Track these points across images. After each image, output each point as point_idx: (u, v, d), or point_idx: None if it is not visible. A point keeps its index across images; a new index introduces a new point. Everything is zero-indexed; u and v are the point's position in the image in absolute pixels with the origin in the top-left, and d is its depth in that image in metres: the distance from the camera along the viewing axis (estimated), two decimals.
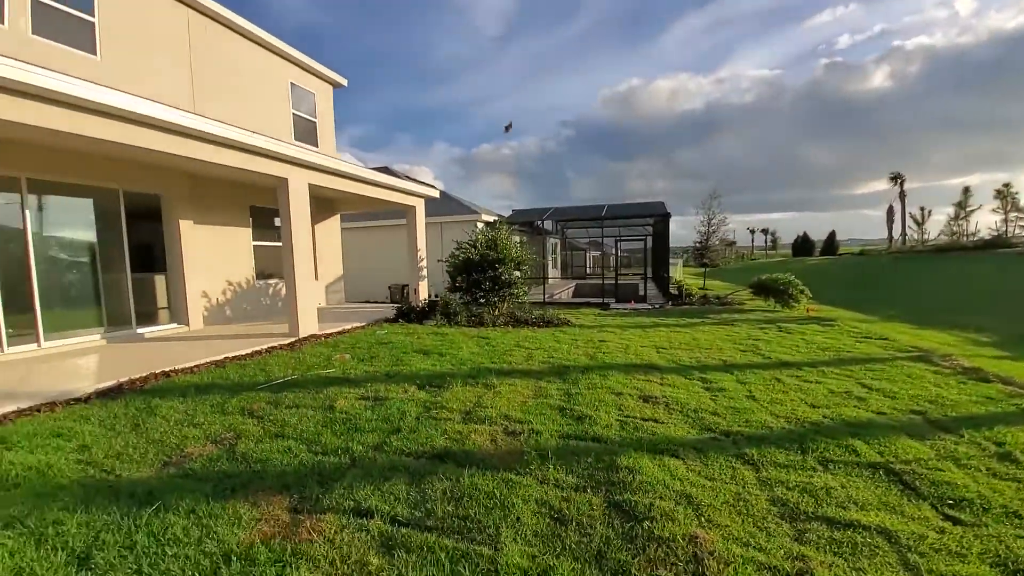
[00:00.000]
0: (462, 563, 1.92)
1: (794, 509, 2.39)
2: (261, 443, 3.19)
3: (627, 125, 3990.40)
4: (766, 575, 1.87)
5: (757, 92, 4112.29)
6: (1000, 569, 1.95)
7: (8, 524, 2.24)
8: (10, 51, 5.88)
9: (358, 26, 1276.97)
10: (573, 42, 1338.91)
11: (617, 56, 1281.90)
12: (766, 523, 2.25)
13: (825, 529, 2.22)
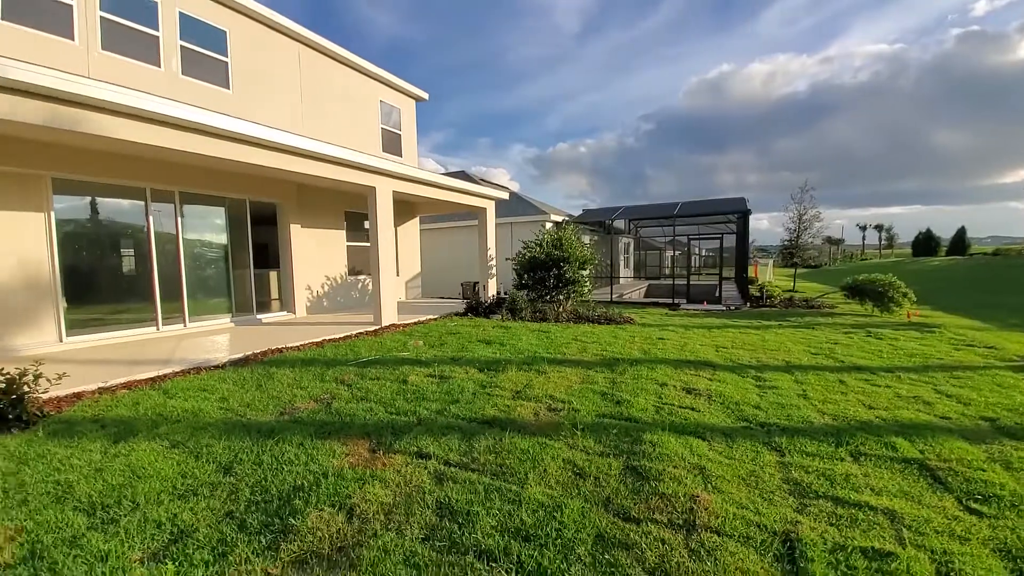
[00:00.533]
0: (494, 494, 2.41)
1: (805, 488, 2.56)
2: (350, 403, 3.95)
3: (715, 115, 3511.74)
4: (752, 530, 2.13)
5: (873, 70, 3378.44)
6: (1001, 555, 2.01)
7: (175, 445, 3.14)
8: (166, 88, 7.49)
9: (442, 37, 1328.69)
10: (655, 33, 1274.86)
11: (705, 43, 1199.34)
12: (771, 495, 2.47)
13: (829, 505, 2.38)
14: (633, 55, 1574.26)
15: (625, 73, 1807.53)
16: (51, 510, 2.33)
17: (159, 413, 3.72)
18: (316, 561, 1.92)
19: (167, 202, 7.58)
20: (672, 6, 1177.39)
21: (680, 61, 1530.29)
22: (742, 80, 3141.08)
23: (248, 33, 8.88)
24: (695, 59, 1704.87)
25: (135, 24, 7.28)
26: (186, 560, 1.93)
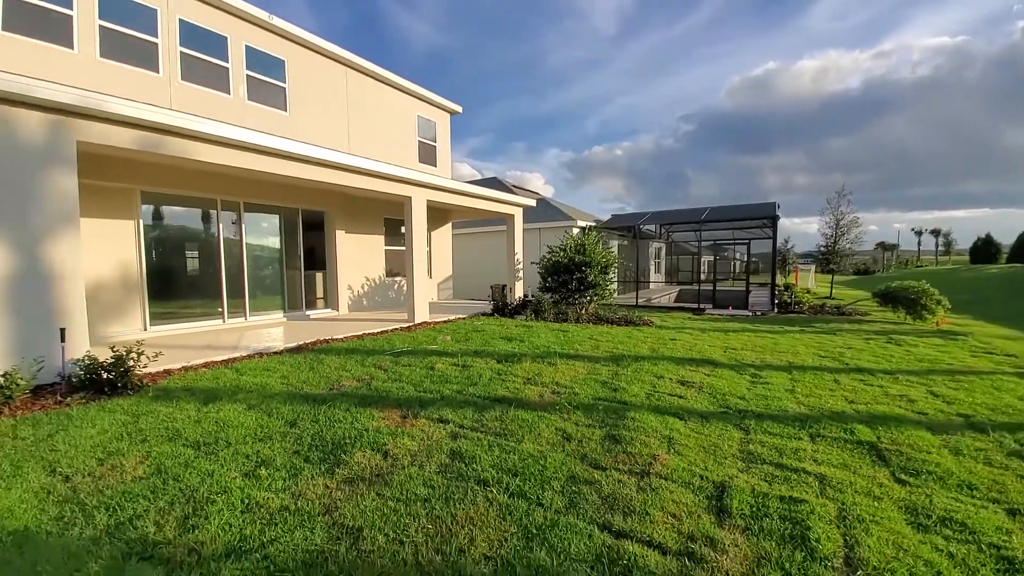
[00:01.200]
0: (495, 447, 3.05)
1: (755, 456, 3.05)
2: (385, 383, 4.69)
3: (760, 114, 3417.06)
4: (695, 479, 2.66)
5: (934, 64, 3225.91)
6: (904, 510, 2.46)
7: (250, 407, 3.95)
8: (235, 113, 8.61)
9: (479, 44, 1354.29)
10: (696, 32, 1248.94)
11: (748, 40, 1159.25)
12: (723, 459, 2.98)
13: (770, 469, 2.87)
14: (673, 55, 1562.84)
15: (664, 73, 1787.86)
16: (166, 445, 3.16)
17: (235, 385, 4.59)
18: (360, 481, 2.62)
19: (232, 211, 8.70)
20: (713, 4, 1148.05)
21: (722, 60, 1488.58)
22: (790, 77, 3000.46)
23: (303, 61, 9.98)
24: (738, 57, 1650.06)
25: (208, 57, 8.45)
26: (269, 476, 2.67)
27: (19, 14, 6.41)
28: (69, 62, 6.85)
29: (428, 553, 1.99)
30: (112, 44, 7.30)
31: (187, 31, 8.12)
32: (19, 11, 6.41)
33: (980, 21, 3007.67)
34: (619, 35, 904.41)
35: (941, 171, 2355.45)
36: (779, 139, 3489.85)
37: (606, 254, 11.61)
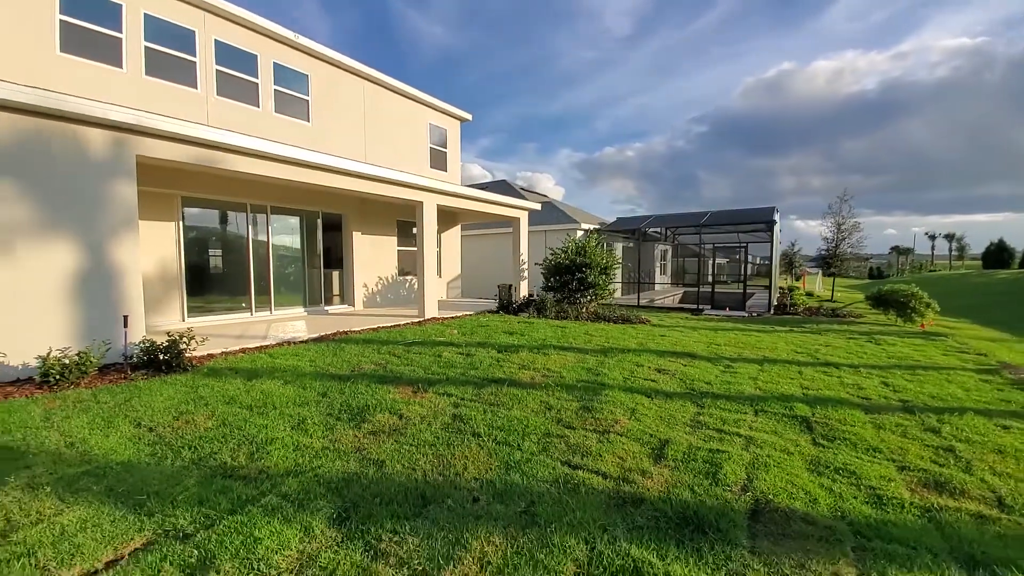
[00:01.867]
0: (488, 412, 3.76)
1: (701, 424, 3.71)
2: (399, 366, 5.42)
3: (774, 116, 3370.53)
4: (645, 436, 3.33)
5: (953, 65, 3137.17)
6: (808, 462, 3.09)
7: (287, 382, 4.70)
8: (263, 125, 9.44)
9: (490, 45, 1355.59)
10: (710, 32, 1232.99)
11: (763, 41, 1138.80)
12: (674, 425, 3.64)
13: (709, 432, 3.53)
14: (685, 56, 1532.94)
15: (676, 75, 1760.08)
16: (225, 407, 3.90)
17: (271, 366, 5.35)
18: (381, 433, 3.34)
19: (260, 214, 9.53)
20: (728, 4, 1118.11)
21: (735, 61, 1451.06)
22: (805, 79, 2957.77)
23: (324, 75, 10.80)
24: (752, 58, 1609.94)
25: (241, 74, 9.29)
26: (310, 429, 3.40)
27: (75, 37, 7.26)
28: (119, 80, 7.70)
29: (433, 475, 2.69)
30: (156, 63, 8.15)
31: (222, 50, 8.96)
32: (75, 34, 7.26)
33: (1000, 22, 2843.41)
34: (631, 35, 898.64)
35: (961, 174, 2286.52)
36: (794, 141, 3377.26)
37: (606, 256, 12.24)
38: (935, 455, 3.26)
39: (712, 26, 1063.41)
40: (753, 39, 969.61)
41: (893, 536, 2.23)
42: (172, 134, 5.88)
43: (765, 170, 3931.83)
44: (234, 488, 2.54)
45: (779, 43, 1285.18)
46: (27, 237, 4.88)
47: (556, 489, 2.57)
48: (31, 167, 4.90)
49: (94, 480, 2.64)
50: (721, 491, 2.57)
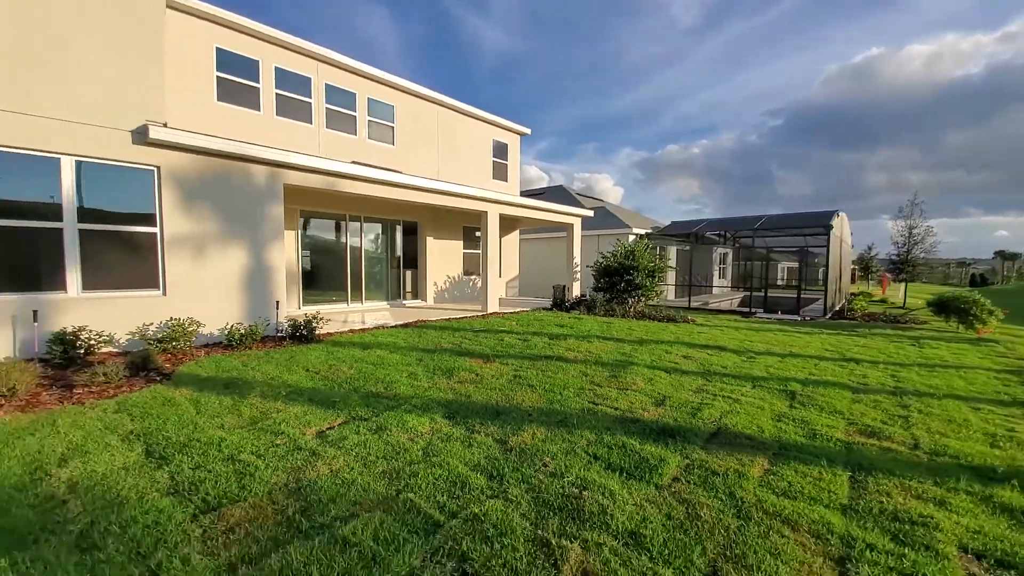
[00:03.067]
0: (540, 375, 5.13)
1: (703, 390, 4.82)
2: (471, 345, 6.93)
3: (860, 106, 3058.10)
4: (656, 395, 4.52)
5: None
6: (773, 416, 4.13)
7: (392, 351, 6.34)
8: (359, 150, 11.44)
9: (551, 46, 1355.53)
10: (787, 18, 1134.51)
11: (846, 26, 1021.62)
12: (680, 390, 4.79)
13: (707, 396, 4.64)
14: (759, 45, 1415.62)
15: (748, 65, 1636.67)
16: (356, 363, 5.57)
17: (375, 342, 7.07)
18: (466, 382, 4.83)
19: (355, 223, 11.56)
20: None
21: (814, 48, 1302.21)
22: (897, 64, 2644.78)
23: (407, 105, 12.72)
24: (834, 45, 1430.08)
25: (343, 109, 11.37)
26: (418, 378, 4.95)
27: (227, 88, 9.54)
28: (256, 120, 9.95)
29: (502, 403, 4.12)
30: (283, 105, 10.35)
31: (330, 91, 11.07)
32: (227, 87, 9.53)
33: None
34: (700, 27, 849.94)
35: None
36: (884, 133, 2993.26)
37: (654, 259, 13.15)
38: (887, 418, 4.17)
39: (789, 11, 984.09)
40: (835, 24, 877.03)
41: (808, 451, 3.31)
42: (308, 167, 7.83)
43: (851, 165, 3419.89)
44: (382, 402, 4.11)
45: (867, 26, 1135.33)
46: (214, 244, 6.94)
47: (582, 413, 3.89)
48: (217, 194, 6.96)
49: (297, 395, 4.32)
50: (695, 422, 3.75)
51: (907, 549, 2.20)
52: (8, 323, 5.44)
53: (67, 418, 3.56)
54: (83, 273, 5.94)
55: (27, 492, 2.48)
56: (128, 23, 6.17)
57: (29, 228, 5.62)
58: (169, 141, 6.26)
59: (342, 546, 2.07)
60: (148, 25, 6.35)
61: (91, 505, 2.37)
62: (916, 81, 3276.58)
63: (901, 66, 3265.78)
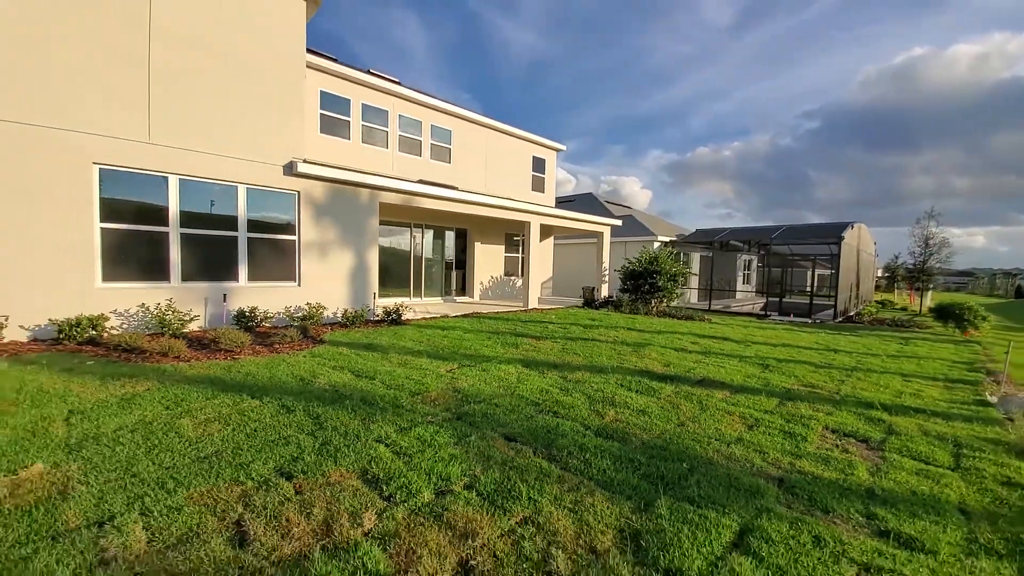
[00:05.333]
0: (581, 348, 7.07)
1: (699, 362, 6.66)
2: (523, 329, 8.92)
3: (902, 108, 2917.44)
4: (662, 360, 6.40)
5: None
6: (744, 375, 5.94)
7: (466, 332, 8.39)
8: (423, 169, 13.66)
9: (580, 47, 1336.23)
10: (824, 19, 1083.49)
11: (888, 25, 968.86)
12: (683, 360, 6.64)
13: (702, 364, 6.47)
14: (793, 46, 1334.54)
15: (783, 66, 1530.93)
16: (442, 338, 7.64)
17: (447, 325, 9.16)
18: (529, 349, 6.82)
19: (417, 230, 13.77)
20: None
21: (853, 48, 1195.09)
22: (941, 65, 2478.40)
23: (461, 128, 14.90)
24: (873, 45, 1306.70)
25: (412, 135, 13.61)
26: (493, 348, 6.98)
27: (327, 123, 11.87)
28: (346, 148, 12.26)
29: (557, 360, 6.10)
30: (367, 134, 12.66)
31: (403, 121, 13.34)
32: (327, 121, 11.86)
33: None
34: (732, 27, 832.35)
35: None
36: (928, 135, 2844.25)
37: (675, 265, 14.85)
38: (828, 380, 5.92)
39: (824, 11, 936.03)
40: (874, 23, 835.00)
41: (759, 391, 5.14)
42: (395, 188, 10.03)
43: (892, 168, 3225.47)
44: (476, 359, 6.16)
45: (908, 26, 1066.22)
46: (332, 248, 9.18)
47: (611, 367, 5.84)
48: (335, 210, 9.20)
49: (417, 354, 6.40)
50: (688, 374, 5.65)
51: (792, 424, 4.05)
52: (202, 303, 7.77)
53: (289, 359, 5.75)
54: (249, 268, 8.26)
55: (305, 387, 4.60)
56: (284, 88, 8.48)
57: (219, 236, 7.96)
58: (308, 173, 8.54)
59: (494, 407, 4.10)
60: (296, 88, 8.66)
61: (353, 392, 4.46)
62: (962, 82, 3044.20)
63: (945, 67, 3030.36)
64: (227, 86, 7.84)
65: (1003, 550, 2.37)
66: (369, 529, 2.23)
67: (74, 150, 6.47)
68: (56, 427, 3.40)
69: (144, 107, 7.01)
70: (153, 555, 2.00)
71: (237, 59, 7.90)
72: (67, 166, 6.43)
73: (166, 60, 7.17)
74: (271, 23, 8.29)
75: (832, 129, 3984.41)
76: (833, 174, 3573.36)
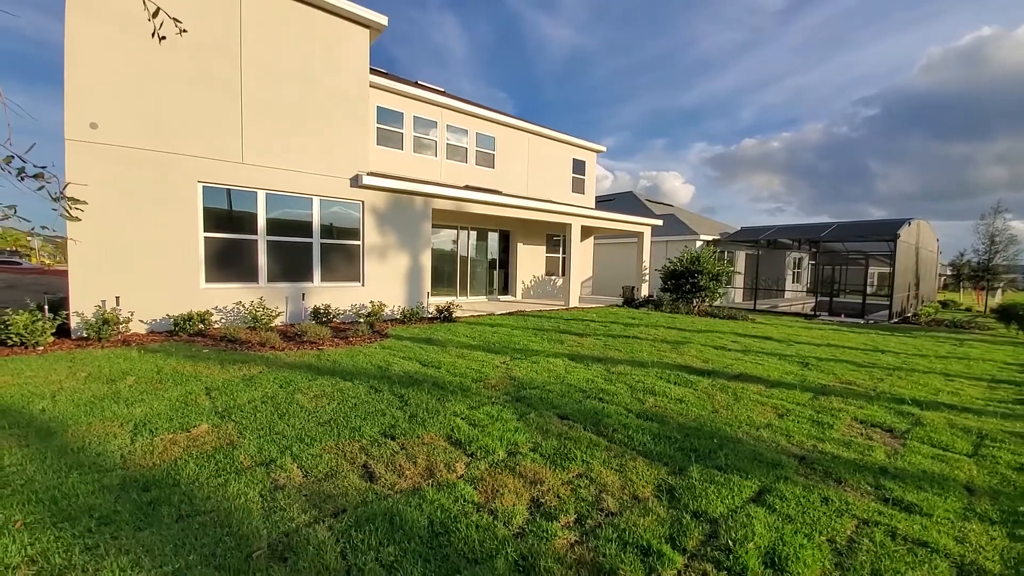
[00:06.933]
0: (622, 344, 7.56)
1: (738, 359, 6.99)
2: (566, 327, 9.49)
3: (970, 93, 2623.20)
4: (702, 358, 6.79)
5: None
6: (782, 372, 6.24)
7: (513, 329, 9.05)
8: (469, 175, 14.46)
9: (619, 40, 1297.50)
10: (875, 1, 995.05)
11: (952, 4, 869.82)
12: (722, 357, 7.00)
13: (741, 361, 6.81)
14: (846, 28, 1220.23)
15: (837, 51, 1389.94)
16: (491, 334, 8.33)
17: (494, 323, 9.86)
18: (574, 344, 7.39)
19: (463, 231, 14.59)
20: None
21: (913, 29, 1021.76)
22: (1013, 46, 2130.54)
23: (504, 134, 15.60)
24: (935, 25, 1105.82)
25: (458, 143, 14.44)
26: (541, 343, 7.60)
27: (382, 136, 12.86)
28: (400, 158, 13.22)
29: (601, 355, 6.64)
30: (417, 144, 13.58)
31: (450, 130, 14.19)
32: (383, 134, 12.85)
33: None
34: (786, 9, 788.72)
35: None
36: (1001, 122, 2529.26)
37: (718, 265, 14.91)
38: (868, 378, 6.13)
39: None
40: (934, 1, 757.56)
41: (794, 386, 5.47)
42: (447, 196, 10.84)
43: (962, 157, 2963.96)
44: (526, 353, 6.80)
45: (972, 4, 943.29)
46: (391, 251, 10.09)
47: (652, 361, 6.31)
48: (393, 217, 10.11)
49: (472, 348, 7.12)
50: (726, 369, 6.04)
51: (821, 415, 4.42)
52: (283, 301, 8.84)
53: (365, 351, 6.61)
54: (322, 270, 9.29)
55: (384, 373, 5.40)
56: (351, 107, 9.46)
57: (297, 243, 9.02)
58: (371, 184, 9.48)
59: (547, 392, 4.72)
60: (361, 106, 9.63)
61: (424, 378, 5.21)
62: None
63: (1018, 47, 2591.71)
64: (304, 109, 8.88)
65: (997, 518, 2.74)
66: (461, 474, 2.91)
67: (184, 170, 7.65)
68: (202, 399, 4.32)
69: (238, 132, 8.12)
70: (310, 484, 2.77)
71: (311, 85, 8.92)
72: (178, 184, 7.61)
73: (254, 90, 8.26)
74: (339, 51, 9.27)
75: (892, 116, 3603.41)
76: (895, 165, 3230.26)
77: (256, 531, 2.28)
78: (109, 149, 7.03)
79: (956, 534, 2.54)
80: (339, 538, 2.24)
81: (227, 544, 2.17)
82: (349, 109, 9.47)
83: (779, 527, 2.46)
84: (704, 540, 2.34)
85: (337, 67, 9.25)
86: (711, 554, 2.22)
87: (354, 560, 2.09)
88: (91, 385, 4.58)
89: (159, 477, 2.81)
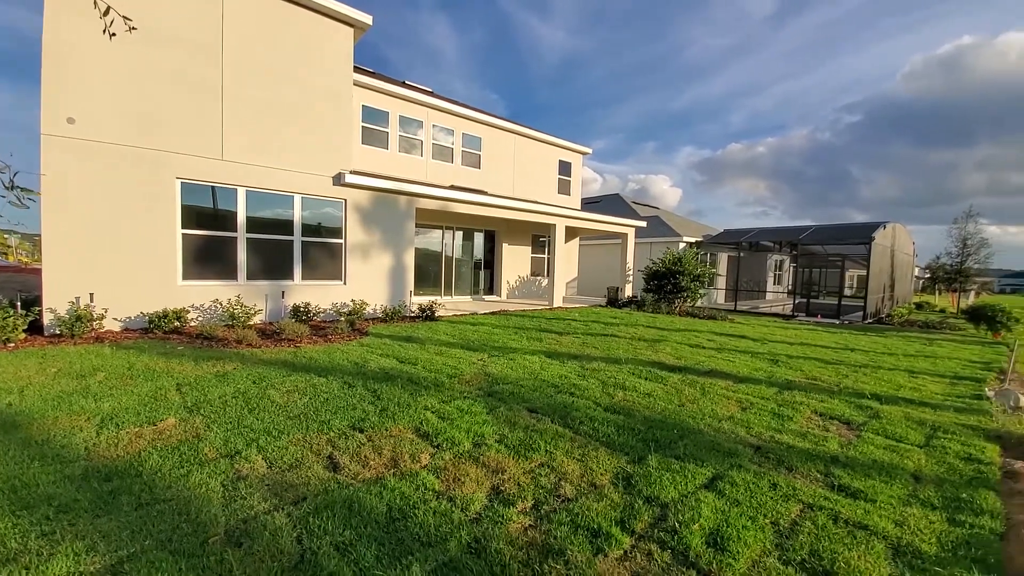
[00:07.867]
0: (600, 342, 7.68)
1: (712, 356, 7.14)
2: (547, 326, 9.58)
3: (951, 100, 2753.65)
4: (676, 355, 6.93)
5: None
6: (751, 368, 6.41)
7: (494, 327, 9.12)
8: (454, 175, 14.51)
9: (612, 44, 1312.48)
10: (869, 5, 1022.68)
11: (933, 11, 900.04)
12: (696, 354, 7.15)
13: (714, 358, 6.97)
14: (831, 37, 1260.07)
15: (822, 58, 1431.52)
16: (473, 333, 8.39)
17: (476, 321, 9.91)
18: (552, 343, 7.48)
19: (448, 231, 14.62)
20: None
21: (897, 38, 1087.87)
22: (992, 55, 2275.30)
23: (490, 135, 15.67)
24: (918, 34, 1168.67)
25: (444, 143, 14.48)
26: (520, 341, 7.68)
27: (367, 135, 12.85)
28: (385, 157, 13.22)
29: (577, 352, 6.74)
30: (403, 144, 13.59)
31: (436, 130, 14.22)
32: (367, 133, 12.84)
33: None
34: (774, 15, 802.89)
35: None
36: (981, 129, 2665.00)
37: (698, 266, 15.15)
38: (833, 375, 6.32)
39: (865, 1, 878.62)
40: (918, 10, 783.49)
41: (761, 381, 5.62)
42: (432, 195, 10.88)
43: (943, 164, 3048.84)
44: (504, 351, 6.87)
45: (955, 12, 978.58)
46: (374, 250, 10.10)
47: (627, 358, 6.43)
48: (377, 216, 10.12)
49: (451, 345, 7.17)
50: (697, 366, 6.18)
51: (783, 408, 4.56)
52: (263, 299, 8.80)
53: (343, 348, 6.62)
54: (303, 268, 9.26)
55: (360, 369, 5.43)
56: (334, 106, 9.45)
57: (278, 240, 8.98)
58: (354, 183, 9.49)
59: (520, 387, 4.80)
60: (344, 105, 9.63)
61: (399, 374, 5.25)
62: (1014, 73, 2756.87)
63: (997, 56, 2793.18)
64: (285, 107, 8.85)
65: (939, 504, 2.88)
66: (425, 464, 2.97)
67: (162, 167, 7.58)
68: (172, 395, 4.31)
69: (218, 128, 8.08)
70: (273, 474, 2.81)
71: (294, 83, 8.90)
72: (156, 181, 7.54)
73: (235, 87, 8.22)
74: (323, 49, 9.26)
75: (875, 123, 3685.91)
76: (878, 170, 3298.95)
77: (214, 518, 2.32)
78: (86, 144, 6.95)
79: (896, 518, 2.67)
80: (296, 524, 2.29)
81: (184, 530, 2.21)
82: (332, 107, 9.46)
83: (726, 511, 2.56)
84: (653, 523, 2.43)
85: (320, 65, 9.24)
86: (658, 535, 2.32)
87: (309, 544, 2.14)
88: (60, 380, 4.54)
89: (122, 468, 2.82)
